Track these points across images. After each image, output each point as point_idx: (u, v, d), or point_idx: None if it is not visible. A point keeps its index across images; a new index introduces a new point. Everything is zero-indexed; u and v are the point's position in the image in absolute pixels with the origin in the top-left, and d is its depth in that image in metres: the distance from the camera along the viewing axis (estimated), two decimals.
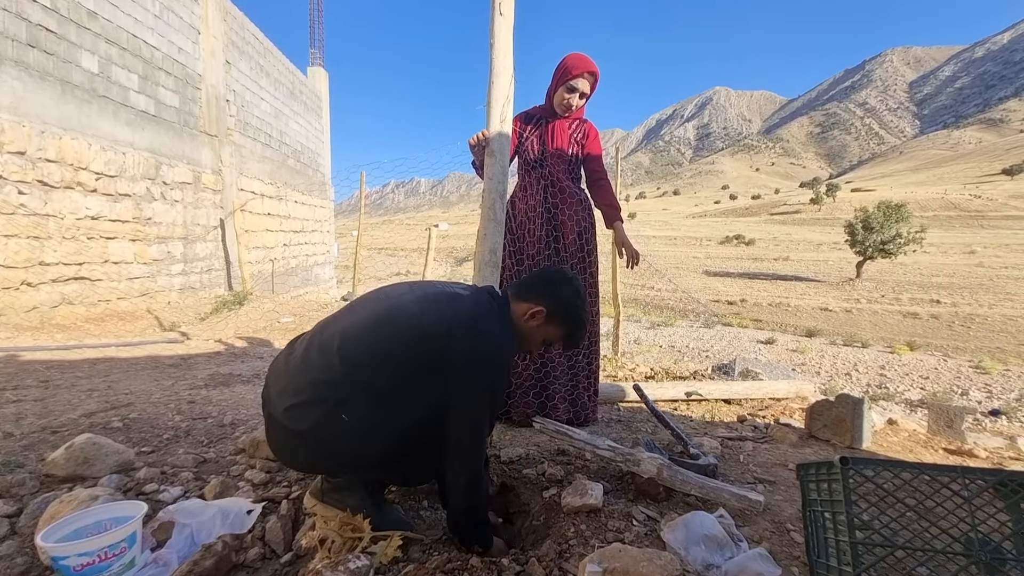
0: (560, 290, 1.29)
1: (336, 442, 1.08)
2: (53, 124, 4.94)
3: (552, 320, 1.27)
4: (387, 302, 1.19)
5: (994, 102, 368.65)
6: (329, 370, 1.08)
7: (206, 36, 7.52)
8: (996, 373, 12.83)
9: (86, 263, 5.33)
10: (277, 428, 1.12)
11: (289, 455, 1.16)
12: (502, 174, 1.88)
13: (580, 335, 1.35)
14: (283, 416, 1.09)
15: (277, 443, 1.15)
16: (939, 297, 22.79)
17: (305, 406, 1.08)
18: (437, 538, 1.24)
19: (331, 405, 1.06)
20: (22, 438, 1.72)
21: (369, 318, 1.15)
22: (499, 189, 1.86)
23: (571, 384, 2.22)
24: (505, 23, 1.83)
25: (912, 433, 2.43)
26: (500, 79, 1.84)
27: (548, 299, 1.27)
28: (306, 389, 1.08)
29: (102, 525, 1.05)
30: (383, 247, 54.37)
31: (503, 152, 1.89)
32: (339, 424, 1.06)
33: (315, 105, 12.64)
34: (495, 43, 1.82)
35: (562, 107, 2.21)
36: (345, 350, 1.09)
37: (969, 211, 64.23)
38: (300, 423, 1.07)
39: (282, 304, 6.68)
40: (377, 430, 1.08)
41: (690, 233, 58.17)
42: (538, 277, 1.35)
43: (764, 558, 1.09)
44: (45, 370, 2.98)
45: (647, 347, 13.18)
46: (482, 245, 1.84)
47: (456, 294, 1.20)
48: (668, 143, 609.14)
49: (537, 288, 1.29)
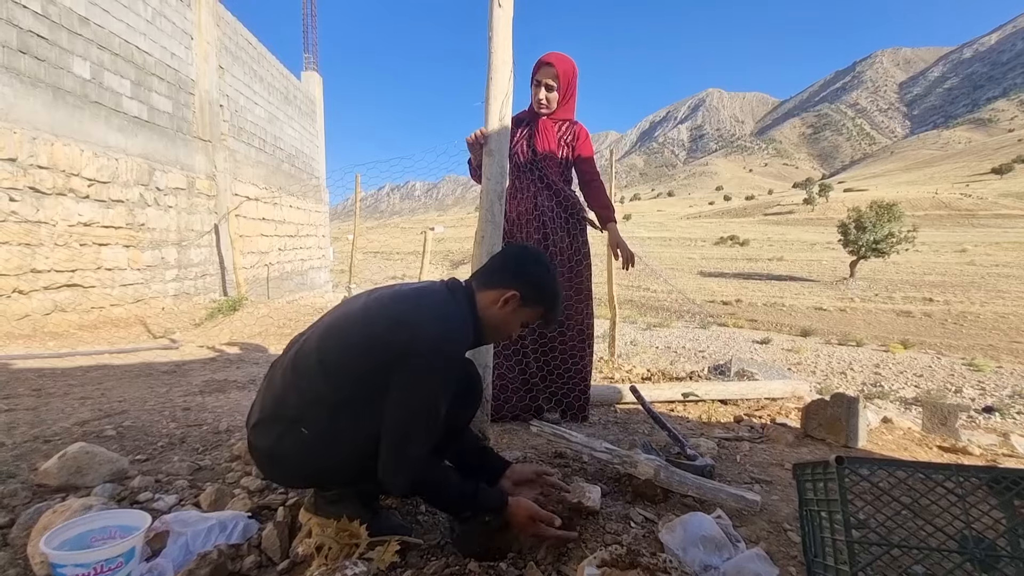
0: (530, 269, 1.22)
1: (301, 457, 1.07)
2: (45, 130, 4.91)
3: (528, 302, 1.21)
4: (337, 312, 1.18)
5: (983, 102, 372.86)
6: (285, 386, 1.09)
7: (199, 41, 7.51)
8: (989, 370, 12.94)
9: (79, 270, 5.29)
10: (250, 446, 1.15)
11: (268, 471, 1.19)
12: (500, 174, 1.84)
13: (557, 310, 1.29)
14: (251, 434, 1.12)
15: (255, 461, 1.18)
16: (932, 295, 22.98)
17: (266, 423, 1.09)
18: (435, 543, 1.24)
19: (289, 421, 1.07)
20: (14, 447, 1.70)
21: (321, 330, 1.14)
22: (497, 190, 1.82)
23: (560, 383, 2.21)
24: (504, 15, 1.77)
25: (907, 431, 2.44)
26: (499, 74, 1.79)
27: (520, 282, 1.20)
28: (268, 406, 1.10)
29: (107, 531, 1.05)
30: (379, 251, 54.28)
31: (502, 151, 1.84)
32: (300, 439, 1.06)
33: (309, 109, 12.63)
34: (493, 36, 1.76)
35: (536, 104, 2.21)
36: (298, 365, 1.09)
37: (960, 210, 64.87)
38: (263, 440, 1.09)
39: (277, 309, 6.65)
40: (341, 440, 1.06)
41: (685, 234, 58.41)
42: (503, 261, 1.28)
43: (761, 558, 1.10)
44: (37, 378, 2.95)
45: (643, 348, 13.21)
46: (480, 247, 1.82)
47: (405, 291, 1.16)
48: (662, 145, 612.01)
49: (505, 272, 1.22)
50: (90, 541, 1.02)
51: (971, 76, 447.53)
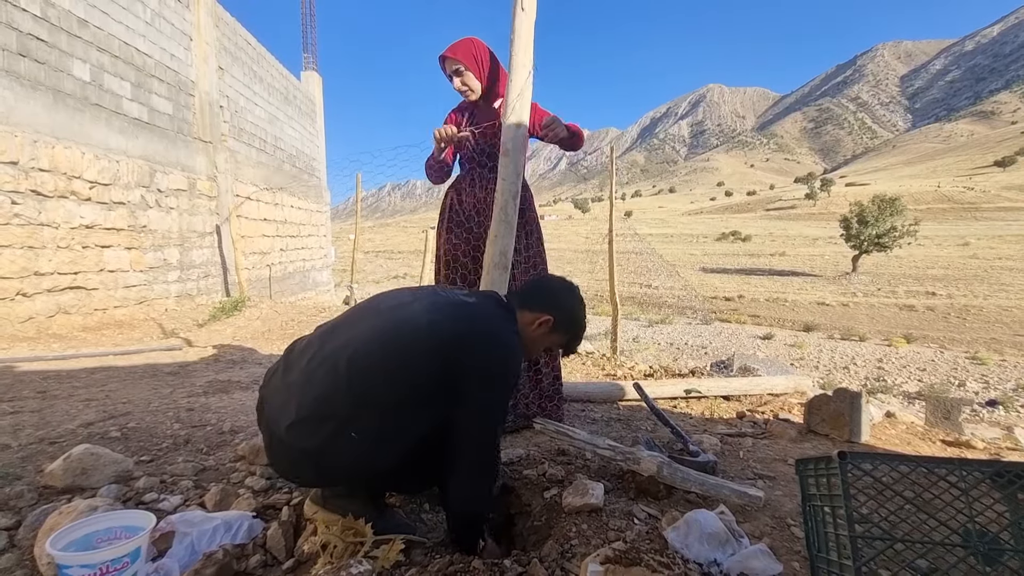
0: (565, 299, 1.34)
1: (344, 459, 1.06)
2: (46, 133, 4.92)
3: (558, 328, 1.31)
4: (392, 314, 1.15)
5: (985, 95, 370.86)
6: (335, 387, 1.05)
7: (198, 42, 7.51)
8: (992, 364, 12.91)
9: (81, 272, 5.31)
10: (280, 446, 1.08)
11: (294, 472, 1.14)
12: (515, 175, 1.85)
13: (579, 341, 1.40)
14: (286, 434, 1.05)
15: (280, 461, 1.12)
16: (935, 289, 22.92)
17: (310, 423, 1.04)
18: (439, 541, 1.24)
19: (338, 422, 1.04)
20: (20, 449, 1.71)
21: (376, 332, 1.11)
22: (512, 190, 1.84)
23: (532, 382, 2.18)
24: (527, 18, 1.84)
25: (910, 426, 2.44)
26: (517, 75, 1.84)
27: (555, 309, 1.30)
28: (310, 405, 1.05)
29: (113, 532, 1.05)
30: (381, 250, 54.30)
31: (517, 151, 1.85)
32: (347, 441, 1.04)
33: (309, 109, 12.62)
34: (516, 39, 1.82)
35: (462, 95, 2.09)
36: (354, 366, 1.06)
37: (962, 203, 64.58)
38: (306, 441, 1.04)
39: (280, 309, 6.66)
40: (387, 445, 1.06)
41: (686, 230, 58.30)
42: (542, 287, 1.39)
43: (765, 554, 1.10)
44: (42, 380, 2.96)
45: (645, 345, 13.21)
46: (492, 247, 1.83)
47: (464, 302, 1.18)
48: (663, 141, 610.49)
49: (543, 298, 1.33)
50: (95, 542, 1.02)
51: (973, 68, 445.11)
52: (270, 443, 1.12)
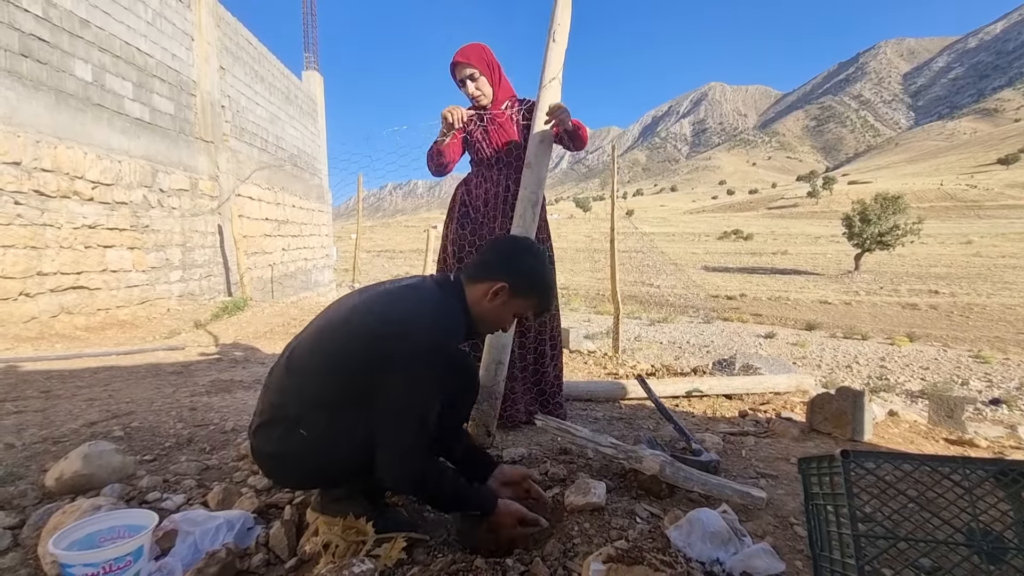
0: (520, 259, 1.22)
1: (301, 458, 1.08)
2: (48, 133, 4.93)
3: (517, 293, 1.19)
4: (330, 312, 1.18)
5: (988, 92, 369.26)
6: (282, 389, 1.10)
7: (200, 42, 7.51)
8: (996, 362, 12.87)
9: (84, 272, 5.32)
10: (253, 451, 1.15)
11: (274, 475, 1.20)
12: (537, 184, 1.93)
13: (550, 300, 1.29)
14: (253, 439, 1.13)
15: (259, 465, 1.18)
16: (937, 288, 22.85)
17: (267, 427, 1.10)
18: (442, 539, 1.24)
19: (288, 423, 1.07)
20: (24, 449, 1.72)
21: (313, 331, 1.14)
22: (532, 199, 1.92)
23: (534, 380, 2.18)
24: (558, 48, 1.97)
25: (913, 424, 2.43)
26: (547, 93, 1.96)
27: (509, 273, 1.18)
28: (266, 410, 1.11)
29: (115, 531, 1.06)
30: (382, 250, 54.30)
31: (539, 164, 1.95)
32: (298, 441, 1.06)
33: (311, 109, 12.63)
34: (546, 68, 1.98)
35: (473, 101, 2.14)
36: (292, 368, 1.10)
37: (966, 201, 64.34)
38: (265, 444, 1.10)
39: (282, 309, 6.67)
40: (340, 441, 1.07)
41: (688, 229, 58.21)
42: (492, 252, 1.27)
43: (768, 553, 1.10)
44: (45, 380, 2.97)
45: (647, 344, 13.20)
46: None
47: (393, 289, 1.17)
48: (664, 140, 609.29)
49: (495, 264, 1.21)
50: (98, 541, 1.03)
51: (976, 66, 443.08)
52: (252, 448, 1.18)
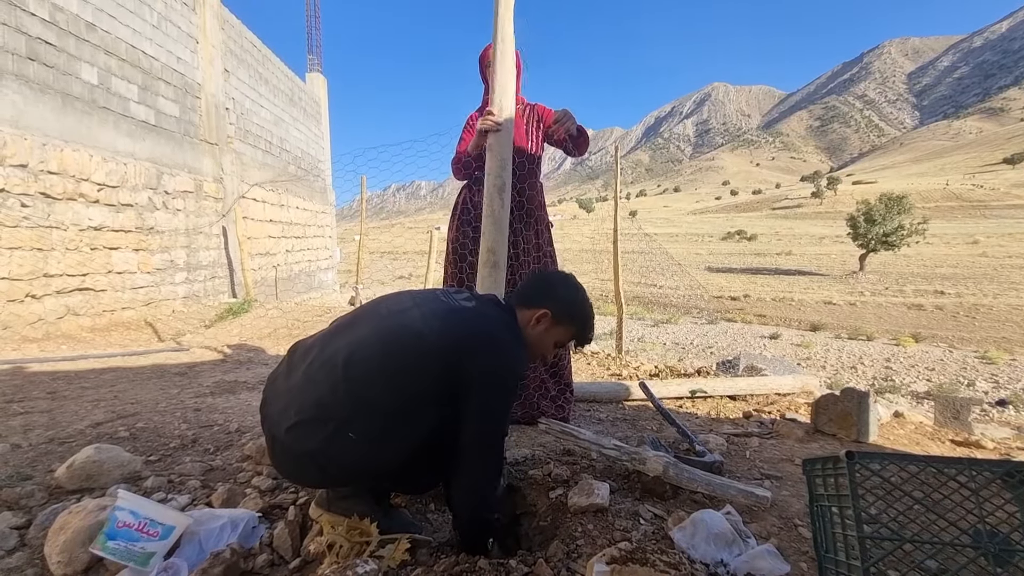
0: (559, 290, 1.31)
1: (344, 459, 1.06)
2: (54, 136, 4.97)
3: (559, 321, 1.29)
4: (392, 319, 1.15)
5: (994, 91, 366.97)
6: (333, 389, 1.06)
7: (204, 45, 7.55)
8: (1002, 363, 12.77)
9: (90, 274, 5.35)
10: (281, 449, 1.09)
11: (298, 475, 1.16)
12: (500, 167, 1.82)
13: (589, 330, 1.37)
14: (286, 436, 1.07)
15: (283, 463, 1.13)
16: (943, 288, 22.70)
17: (308, 425, 1.05)
18: (445, 540, 1.24)
19: (336, 424, 1.04)
20: (30, 449, 1.73)
21: (375, 337, 1.12)
22: (498, 184, 1.81)
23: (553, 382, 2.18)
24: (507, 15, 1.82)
25: (918, 425, 2.42)
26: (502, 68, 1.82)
27: (550, 301, 1.28)
28: (309, 408, 1.06)
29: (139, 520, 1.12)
30: (386, 251, 54.41)
31: (501, 144, 1.83)
32: (346, 442, 1.04)
33: (314, 111, 12.68)
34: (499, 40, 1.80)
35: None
36: (351, 370, 1.07)
37: (971, 201, 63.92)
38: (306, 443, 1.05)
39: (286, 310, 6.69)
40: (387, 446, 1.07)
41: (692, 230, 58.05)
42: (535, 282, 1.37)
43: (772, 554, 1.09)
44: (51, 381, 2.99)
45: (651, 345, 13.17)
46: (482, 244, 1.82)
47: (462, 307, 1.18)
48: (667, 140, 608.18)
49: (537, 293, 1.31)
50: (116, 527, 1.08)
51: (982, 65, 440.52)
52: (272, 446, 1.13)
